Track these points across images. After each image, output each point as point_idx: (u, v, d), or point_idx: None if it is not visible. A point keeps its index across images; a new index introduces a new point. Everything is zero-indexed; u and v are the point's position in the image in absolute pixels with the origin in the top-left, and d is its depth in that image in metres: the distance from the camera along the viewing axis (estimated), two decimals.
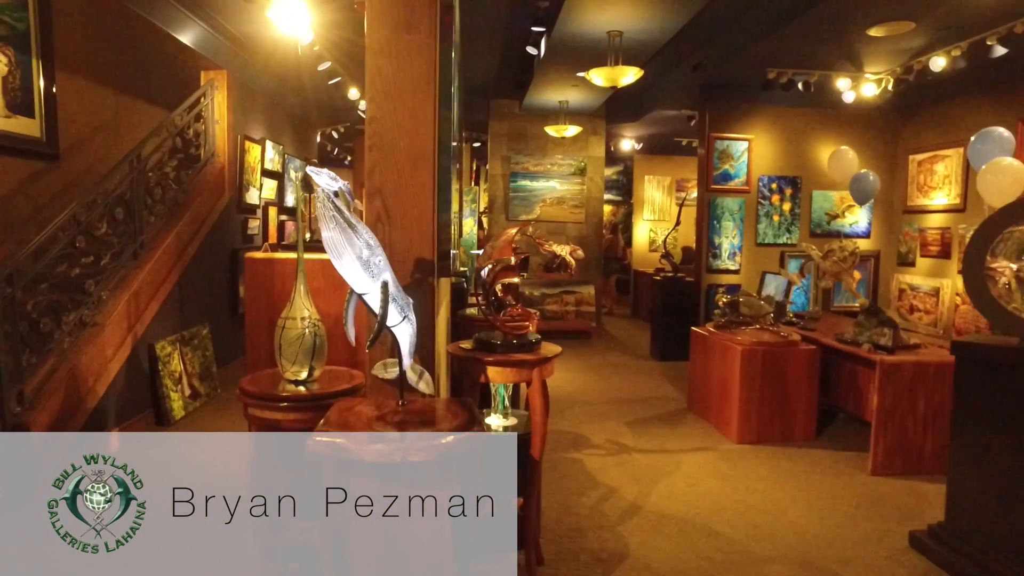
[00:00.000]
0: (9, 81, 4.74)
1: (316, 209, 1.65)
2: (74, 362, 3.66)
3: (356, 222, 1.67)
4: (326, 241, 1.66)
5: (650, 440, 4.40)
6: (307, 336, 2.19)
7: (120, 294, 4.16)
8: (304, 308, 2.22)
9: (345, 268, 1.69)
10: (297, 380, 2.21)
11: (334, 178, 1.71)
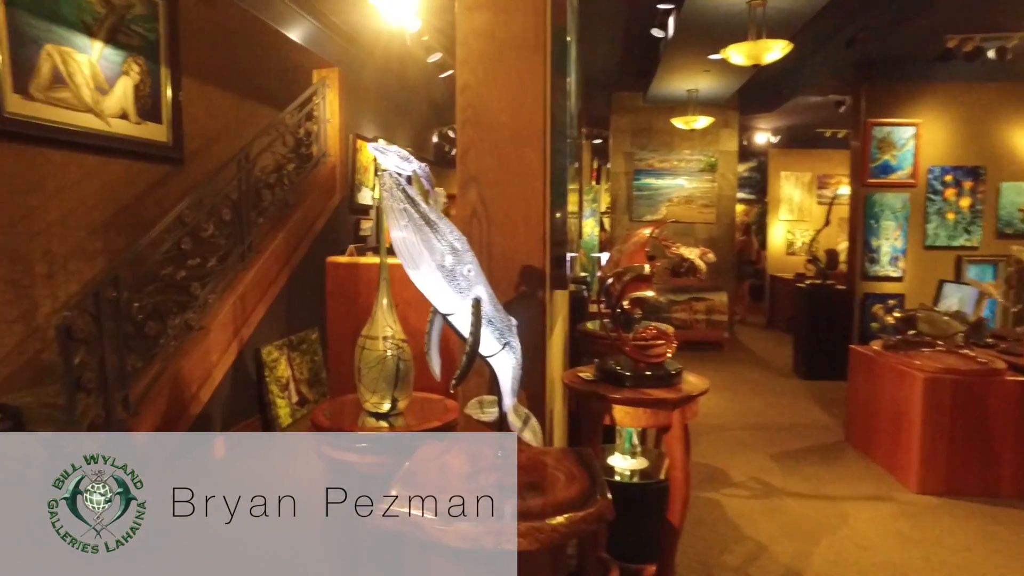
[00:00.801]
0: (140, 89, 4.83)
1: (382, 200, 1.24)
2: (179, 367, 3.56)
3: (436, 218, 1.23)
4: (396, 244, 1.24)
5: (804, 481, 3.68)
6: (389, 360, 1.79)
7: (226, 297, 4.05)
8: (387, 326, 1.83)
9: (423, 280, 1.26)
10: (378, 413, 1.82)
11: (406, 158, 1.29)
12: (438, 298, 1.28)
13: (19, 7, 3.93)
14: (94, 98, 4.47)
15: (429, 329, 1.41)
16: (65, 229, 4.35)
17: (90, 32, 4.41)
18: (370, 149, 1.27)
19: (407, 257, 1.25)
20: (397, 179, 1.23)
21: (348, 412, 1.87)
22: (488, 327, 1.31)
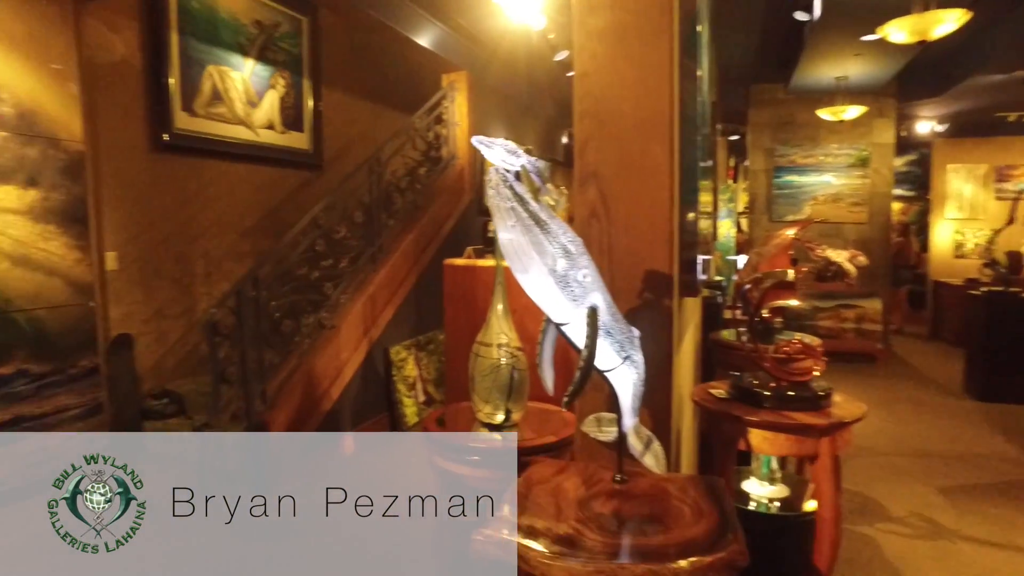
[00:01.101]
0: (285, 101, 5.15)
1: (488, 198, 1.15)
2: (311, 364, 3.72)
3: (548, 217, 1.12)
4: (503, 246, 1.14)
5: (982, 523, 3.17)
6: (503, 369, 1.71)
7: (357, 297, 4.19)
8: (501, 333, 1.74)
9: (533, 286, 1.15)
10: (491, 424, 1.74)
11: (513, 152, 1.18)
12: (550, 306, 1.17)
13: (188, 34, 4.30)
14: (246, 111, 4.81)
15: (542, 339, 1.31)
16: (220, 232, 4.72)
17: (243, 52, 4.75)
18: (474, 142, 1.18)
19: (515, 260, 1.15)
20: (504, 175, 1.13)
21: (461, 421, 1.81)
22: (606, 339, 1.18)
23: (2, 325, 3.21)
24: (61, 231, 3.44)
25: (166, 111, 4.19)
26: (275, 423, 3.38)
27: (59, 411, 3.43)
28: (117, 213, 3.96)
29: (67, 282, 3.47)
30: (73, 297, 3.50)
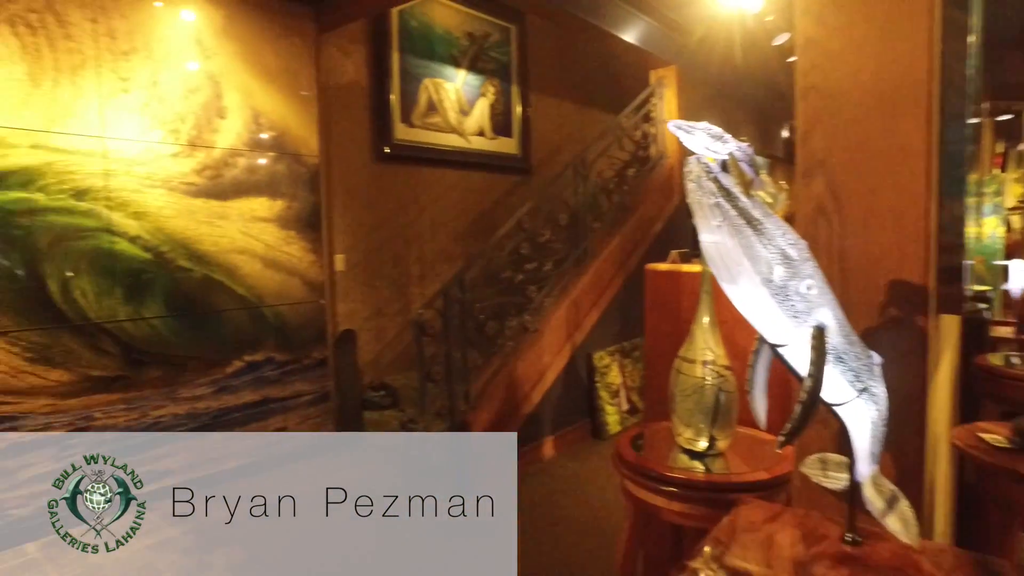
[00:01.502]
0: (495, 108, 5.32)
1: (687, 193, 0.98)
2: (514, 366, 3.76)
3: (762, 215, 0.92)
4: (707, 251, 0.97)
5: None
6: (707, 390, 1.50)
7: (560, 301, 4.16)
8: (707, 349, 1.54)
9: (743, 299, 0.96)
10: (693, 451, 1.55)
11: (719, 137, 1.00)
12: (764, 323, 0.97)
13: (407, 52, 4.60)
14: (458, 120, 5.03)
15: (753, 362, 1.10)
16: (433, 236, 4.99)
17: (456, 63, 4.98)
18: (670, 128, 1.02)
19: (721, 268, 0.96)
20: (707, 165, 0.95)
21: (659, 444, 1.63)
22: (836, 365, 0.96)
23: (257, 318, 3.69)
24: (300, 236, 3.86)
25: (387, 124, 4.53)
26: (477, 423, 3.46)
27: (296, 396, 3.86)
28: (344, 219, 4.37)
29: (304, 281, 3.89)
30: (308, 295, 3.92)
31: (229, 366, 3.57)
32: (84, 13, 3.02)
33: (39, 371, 2.91)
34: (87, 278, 3.04)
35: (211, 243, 3.48)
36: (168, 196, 3.30)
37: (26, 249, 2.87)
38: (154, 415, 3.26)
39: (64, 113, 2.97)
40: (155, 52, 3.24)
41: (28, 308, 2.88)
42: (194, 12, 3.39)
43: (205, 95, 3.44)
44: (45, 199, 2.92)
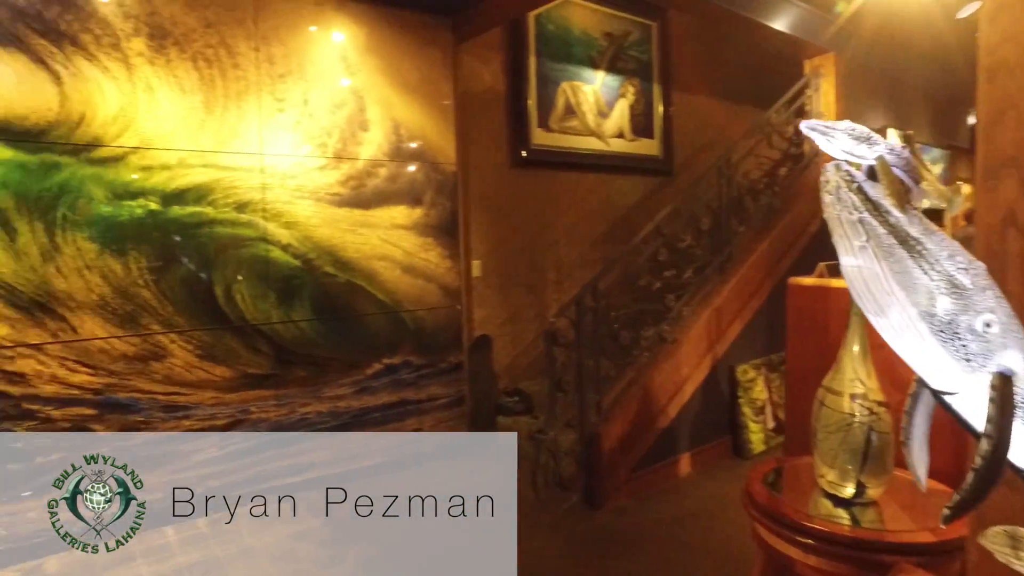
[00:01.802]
0: (635, 108, 5.16)
1: (823, 205, 0.82)
2: (649, 378, 3.58)
3: (922, 233, 0.75)
4: (848, 277, 0.81)
5: None
6: (856, 428, 1.29)
7: (701, 310, 3.91)
8: (857, 380, 1.32)
9: (895, 336, 0.79)
10: (837, 496, 1.34)
11: (865, 138, 0.83)
12: (924, 365, 0.79)
13: (544, 56, 4.58)
14: (596, 122, 4.92)
15: (910, 408, 0.91)
16: (571, 241, 4.92)
17: (594, 65, 4.87)
18: (803, 128, 0.86)
19: (866, 297, 0.80)
20: (848, 173, 0.79)
21: (798, 483, 1.43)
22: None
23: (395, 322, 3.83)
24: (437, 243, 3.96)
25: (525, 129, 4.52)
26: (608, 436, 3.33)
27: (431, 399, 3.96)
28: (482, 225, 4.42)
29: (440, 287, 3.98)
30: (444, 300, 4.00)
31: (369, 368, 3.73)
32: (249, 43, 3.29)
33: (206, 367, 3.20)
34: (246, 283, 3.30)
35: (354, 250, 3.65)
36: (316, 206, 3.51)
37: (198, 257, 3.18)
38: (301, 411, 3.48)
39: (230, 134, 3.25)
40: (306, 73, 3.46)
41: (199, 310, 3.18)
42: (341, 33, 3.59)
43: (350, 109, 3.62)
44: (213, 212, 3.21)
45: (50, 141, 2.82)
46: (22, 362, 2.77)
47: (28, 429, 2.78)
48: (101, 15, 2.92)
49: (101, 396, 2.92)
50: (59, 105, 2.84)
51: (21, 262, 2.76)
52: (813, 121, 0.89)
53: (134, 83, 2.99)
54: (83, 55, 2.88)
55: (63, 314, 2.84)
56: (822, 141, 0.86)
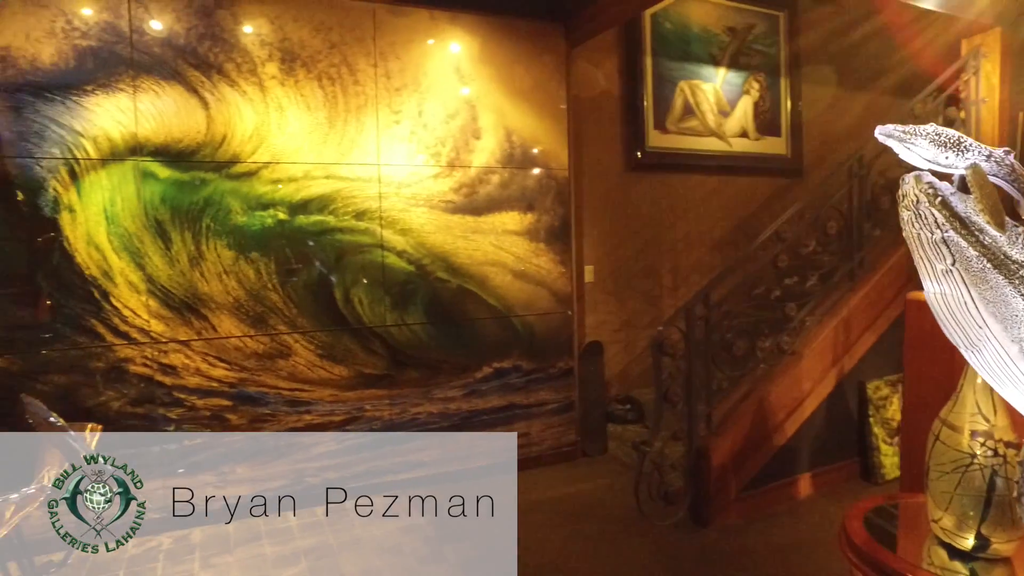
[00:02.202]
0: (760, 106, 4.89)
1: (902, 223, 0.73)
2: (766, 391, 3.37)
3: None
4: (933, 304, 0.72)
5: None
6: (976, 471, 1.13)
7: (826, 320, 3.62)
8: (979, 415, 1.16)
9: (993, 374, 0.69)
10: (953, 547, 1.18)
11: (953, 144, 0.72)
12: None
13: (660, 56, 4.46)
14: (717, 122, 4.72)
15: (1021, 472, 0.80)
16: (688, 246, 4.75)
17: (715, 62, 4.68)
18: (878, 135, 0.76)
19: (953, 329, 0.70)
20: (929, 185, 0.70)
21: (909, 526, 1.27)
22: None
23: (506, 327, 3.88)
24: (548, 248, 3.97)
25: (640, 132, 4.42)
26: (718, 450, 3.17)
27: (540, 404, 3.98)
28: (595, 230, 4.37)
29: (551, 292, 3.99)
30: (555, 306, 4.01)
31: (478, 371, 3.82)
32: (368, 60, 3.48)
33: (326, 366, 3.43)
34: (363, 288, 3.50)
35: (466, 256, 3.75)
36: (429, 213, 3.64)
37: (320, 263, 3.41)
38: (412, 411, 3.63)
39: (350, 147, 3.46)
40: (421, 85, 3.60)
41: (320, 312, 3.41)
42: (455, 45, 3.69)
43: (463, 119, 3.72)
44: (334, 220, 3.43)
45: (198, 160, 3.15)
46: (173, 356, 3.12)
47: (178, 416, 3.11)
48: (242, 45, 3.21)
49: (235, 389, 3.22)
50: (206, 127, 3.16)
51: (174, 268, 3.11)
52: (889, 127, 0.79)
53: (267, 104, 3.27)
54: (226, 82, 3.19)
55: (206, 314, 3.16)
56: (900, 149, 0.76)
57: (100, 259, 2.97)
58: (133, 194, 3.01)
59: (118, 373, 3.00)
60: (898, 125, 0.77)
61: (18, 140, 2.87)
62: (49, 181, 2.90)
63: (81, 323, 2.95)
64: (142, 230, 3.03)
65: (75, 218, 2.93)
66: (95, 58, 2.96)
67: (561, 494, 3.58)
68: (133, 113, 3.01)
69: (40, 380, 2.89)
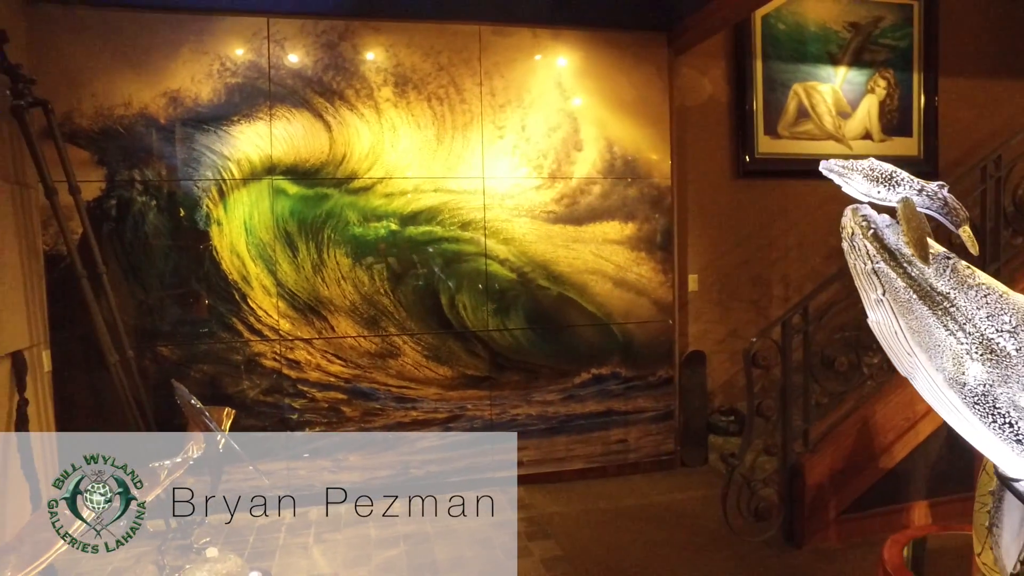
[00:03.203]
0: (886, 104, 4.62)
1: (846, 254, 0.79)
2: (872, 411, 3.19)
3: (952, 287, 0.70)
4: (875, 332, 0.77)
5: None
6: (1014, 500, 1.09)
7: None
8: None
9: (932, 401, 0.74)
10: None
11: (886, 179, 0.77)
12: (975, 442, 0.73)
13: (772, 59, 4.34)
14: (835, 124, 4.51)
15: (997, 487, 0.82)
16: (801, 254, 4.57)
17: (833, 60, 4.47)
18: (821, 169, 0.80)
19: (892, 356, 0.75)
20: (864, 217, 0.76)
21: (951, 558, 1.23)
22: None
23: (605, 334, 3.96)
24: (650, 257, 3.99)
25: (749, 138, 4.32)
26: (815, 468, 3.06)
27: (639, 411, 4.01)
28: (700, 239, 4.32)
29: (652, 301, 4.01)
30: (656, 314, 4.02)
31: (577, 377, 3.92)
32: (474, 80, 3.71)
33: (432, 366, 3.69)
34: (467, 294, 3.72)
35: (566, 264, 3.87)
36: (531, 224, 3.80)
37: (428, 270, 3.67)
38: (511, 412, 3.80)
39: (456, 161, 3.70)
40: (524, 101, 3.77)
41: (427, 316, 3.68)
42: (557, 60, 3.83)
43: (564, 131, 3.85)
44: (441, 231, 3.69)
45: (322, 177, 3.52)
46: (298, 352, 3.51)
47: (300, 406, 3.50)
48: (361, 72, 3.56)
49: (350, 384, 3.56)
50: (328, 148, 3.53)
51: (299, 273, 3.50)
52: (832, 161, 0.82)
53: (382, 124, 3.59)
54: (347, 106, 3.55)
55: (325, 315, 3.53)
56: (841, 183, 0.79)
57: (240, 265, 3.42)
58: (267, 208, 3.44)
59: (252, 365, 3.44)
60: (839, 160, 0.81)
61: (182, 165, 3.38)
62: (203, 199, 3.39)
63: (224, 321, 3.41)
64: (274, 240, 3.45)
65: (222, 230, 3.40)
66: (241, 93, 3.41)
67: (654, 502, 3.59)
68: (268, 138, 3.44)
69: (192, 368, 3.38)
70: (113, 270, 3.25)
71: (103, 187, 3.29)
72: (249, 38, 3.42)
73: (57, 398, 3.23)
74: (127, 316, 3.27)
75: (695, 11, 3.70)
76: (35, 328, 3.09)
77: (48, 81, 3.10)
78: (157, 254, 3.36)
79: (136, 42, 3.29)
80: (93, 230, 3.14)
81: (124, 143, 3.30)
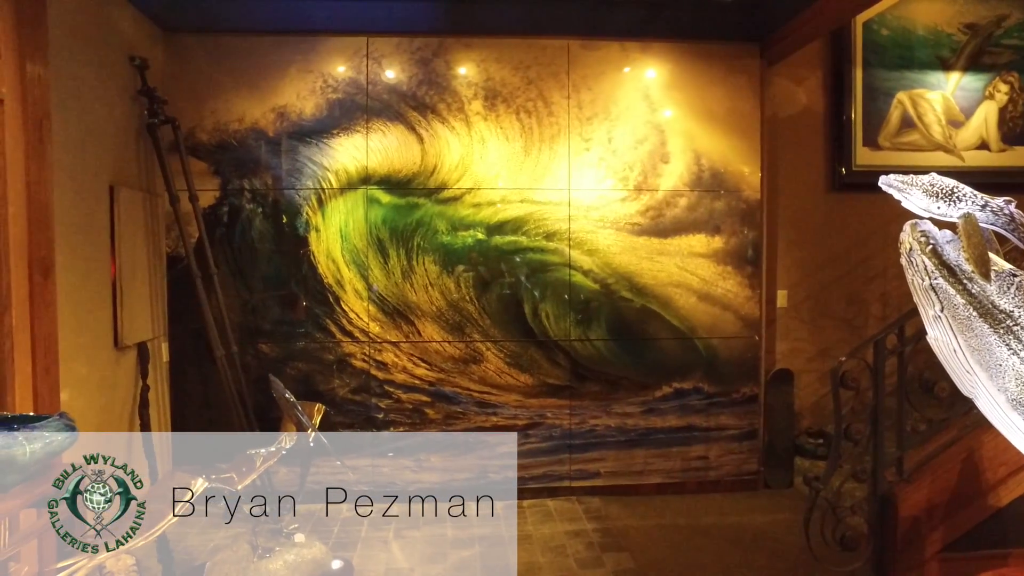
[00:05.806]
0: (1008, 111, 4.32)
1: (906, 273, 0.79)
2: (978, 442, 2.97)
3: (1017, 305, 0.69)
4: (934, 348, 0.77)
5: None
6: None
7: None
8: None
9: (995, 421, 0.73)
10: None
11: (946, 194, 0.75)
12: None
13: (873, 67, 4.17)
14: (945, 134, 4.26)
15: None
16: (901, 272, 4.31)
17: (945, 66, 4.23)
18: (880, 184, 0.79)
19: (952, 374, 0.75)
20: (923, 233, 0.76)
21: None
22: None
23: (688, 348, 3.90)
24: (736, 271, 3.90)
25: (846, 150, 4.15)
26: (909, 500, 2.88)
27: (721, 428, 3.91)
28: (791, 254, 4.18)
29: (737, 316, 3.91)
30: (741, 330, 3.92)
31: (658, 390, 3.88)
32: (561, 93, 3.77)
33: (513, 373, 3.76)
34: (550, 303, 3.78)
35: (650, 276, 3.85)
36: (615, 235, 3.81)
37: (512, 279, 3.76)
38: (591, 423, 3.81)
39: (543, 173, 3.77)
40: (611, 113, 3.80)
41: (510, 324, 3.76)
42: (645, 72, 3.83)
43: (651, 144, 3.84)
44: (526, 240, 3.77)
45: (413, 187, 3.69)
46: (386, 354, 3.68)
47: (386, 406, 3.67)
48: (452, 87, 3.71)
49: (434, 388, 3.69)
50: (420, 159, 3.69)
51: (389, 279, 3.67)
52: (891, 176, 0.81)
53: (471, 137, 3.72)
54: (438, 120, 3.70)
55: (413, 320, 3.68)
56: (901, 199, 0.78)
57: (335, 270, 3.63)
58: (361, 217, 3.64)
59: (343, 365, 3.64)
60: (899, 175, 0.80)
61: (287, 176, 3.64)
62: (304, 207, 3.63)
63: (319, 322, 3.63)
64: (367, 246, 3.64)
65: (319, 236, 3.63)
66: (341, 107, 3.64)
67: (733, 522, 3.50)
68: (365, 150, 3.64)
69: (288, 365, 3.61)
70: (222, 271, 3.53)
71: (217, 195, 3.59)
72: (350, 56, 3.64)
73: (172, 385, 3.55)
74: (233, 314, 3.55)
75: (790, 19, 3.61)
76: (157, 322, 3.42)
77: (176, 100, 3.44)
78: (261, 258, 3.62)
79: (250, 63, 3.59)
80: (207, 235, 3.45)
81: (237, 155, 3.59)
